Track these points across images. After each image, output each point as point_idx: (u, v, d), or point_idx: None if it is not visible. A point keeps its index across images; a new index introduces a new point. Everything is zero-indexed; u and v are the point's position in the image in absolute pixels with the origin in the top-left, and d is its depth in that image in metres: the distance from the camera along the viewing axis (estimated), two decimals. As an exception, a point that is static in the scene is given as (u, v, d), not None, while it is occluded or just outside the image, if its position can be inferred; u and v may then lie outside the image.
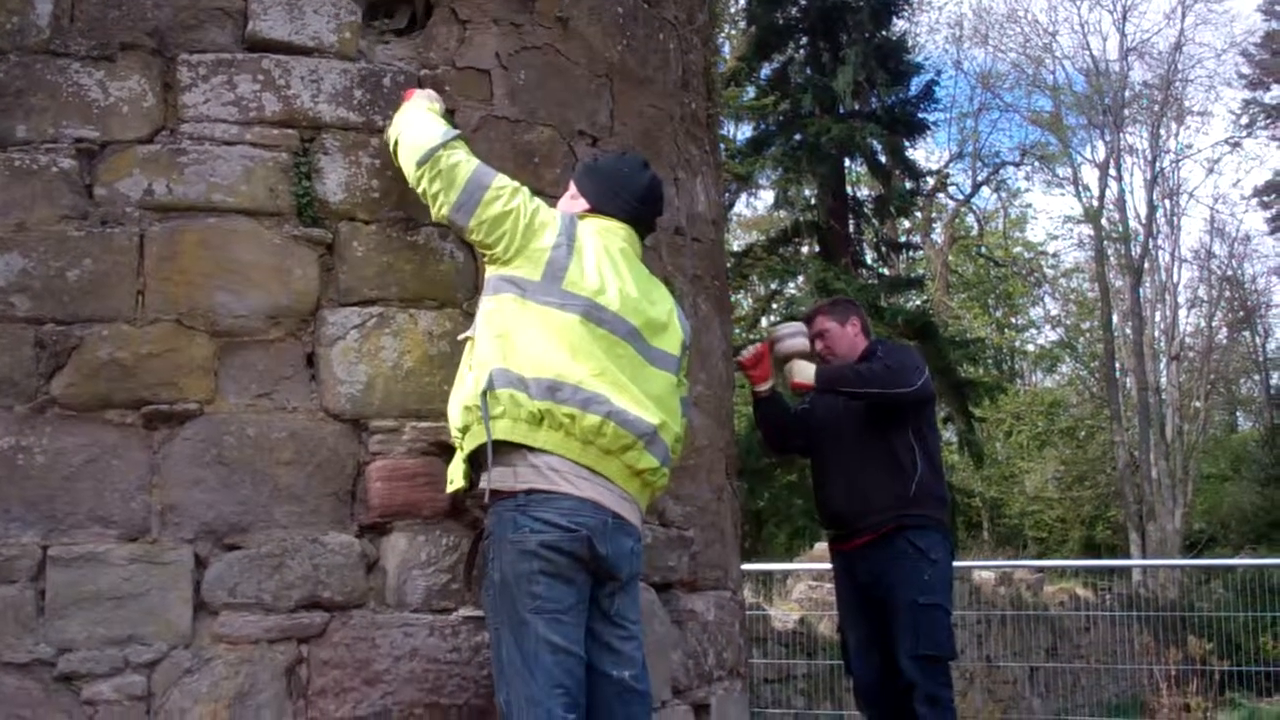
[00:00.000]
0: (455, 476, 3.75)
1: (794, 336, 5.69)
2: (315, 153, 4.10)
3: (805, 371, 5.59)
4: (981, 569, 12.73)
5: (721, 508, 5.01)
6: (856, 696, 6.04)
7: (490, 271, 3.81)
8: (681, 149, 5.16)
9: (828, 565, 6.49)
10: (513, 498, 3.56)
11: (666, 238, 4.87)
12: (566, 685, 3.50)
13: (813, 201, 21.50)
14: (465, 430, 3.67)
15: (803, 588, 11.44)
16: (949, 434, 20.75)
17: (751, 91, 21.40)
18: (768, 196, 24.87)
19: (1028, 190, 60.65)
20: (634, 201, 3.98)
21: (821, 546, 8.01)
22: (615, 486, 3.64)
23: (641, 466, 3.67)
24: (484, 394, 3.58)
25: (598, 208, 3.98)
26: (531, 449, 3.57)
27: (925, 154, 47.23)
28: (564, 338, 3.63)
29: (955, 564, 6.41)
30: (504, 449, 3.58)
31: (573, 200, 4.04)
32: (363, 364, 4.00)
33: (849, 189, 22.39)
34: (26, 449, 3.78)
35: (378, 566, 3.94)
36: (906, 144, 21.20)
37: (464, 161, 3.83)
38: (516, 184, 3.86)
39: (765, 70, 21.40)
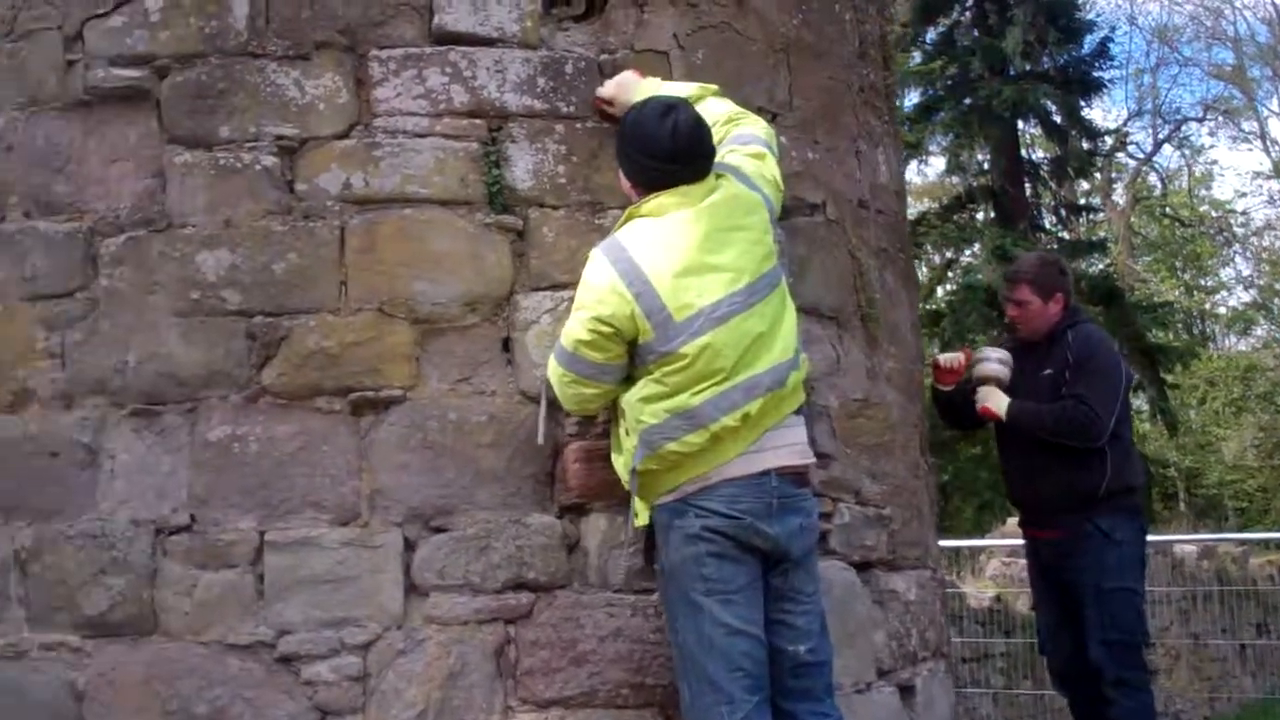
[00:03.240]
0: (639, 510, 3.75)
1: (999, 364, 5.61)
2: (503, 141, 4.15)
3: (999, 403, 5.53)
4: (1183, 543, 12.29)
5: (917, 484, 4.94)
6: (1052, 677, 5.99)
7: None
8: (861, 120, 5.09)
9: (1021, 541, 6.41)
10: (676, 489, 3.59)
11: (850, 211, 4.81)
12: (745, 667, 3.48)
13: (986, 166, 21.06)
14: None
15: (996, 564, 11.20)
16: (1140, 402, 20.15)
17: (917, 57, 21.03)
18: (938, 163, 24.46)
19: (1212, 146, 58.40)
20: (666, 164, 3.66)
21: (1014, 521, 7.87)
22: (767, 440, 3.60)
23: (772, 410, 3.62)
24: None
25: (644, 185, 3.77)
26: None
27: (1102, 113, 45.87)
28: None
29: (1155, 538, 6.25)
30: None
31: (628, 191, 3.88)
32: (556, 347, 4.05)
33: (1023, 152, 21.86)
34: (242, 438, 3.92)
35: (579, 547, 3.98)
36: (1082, 103, 20.66)
37: (557, 382, 3.78)
38: (583, 335, 3.63)
39: (930, 35, 21.01)
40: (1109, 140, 28.49)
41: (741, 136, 3.95)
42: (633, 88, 4.10)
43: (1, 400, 4.10)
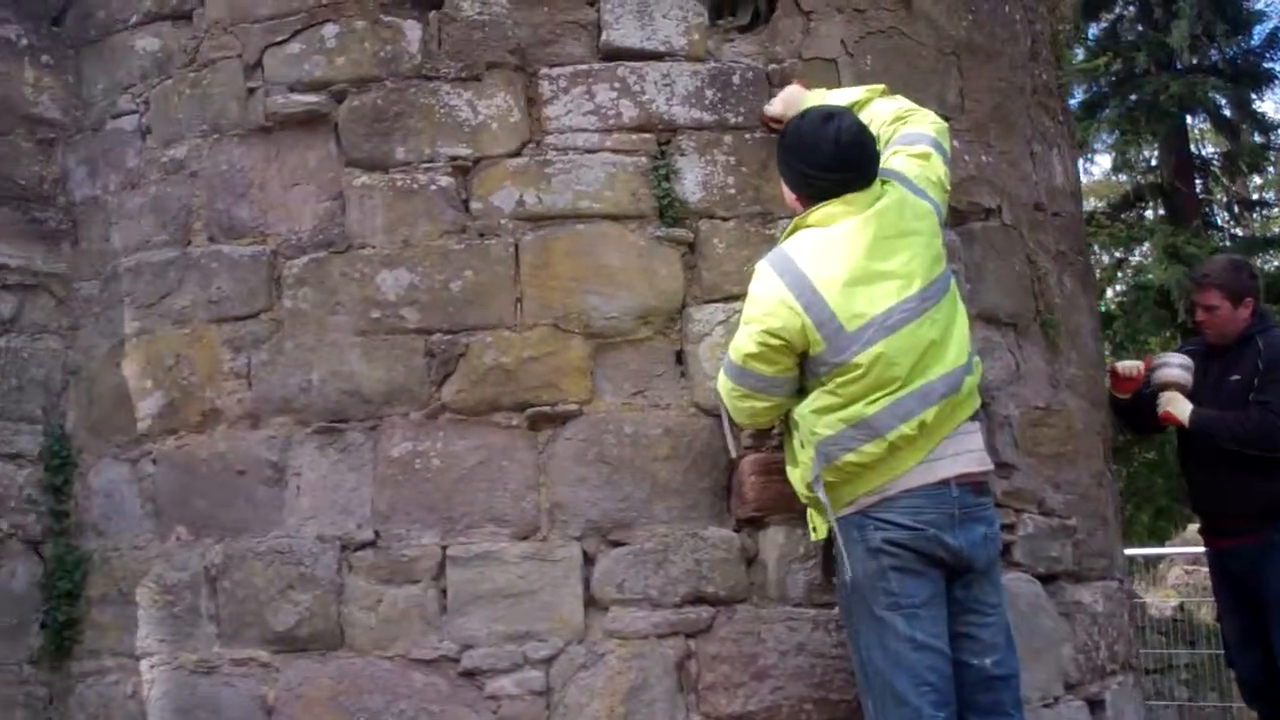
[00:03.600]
0: (817, 524, 3.70)
1: (1179, 369, 5.42)
2: (672, 155, 4.15)
3: (1181, 409, 5.33)
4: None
5: (1101, 493, 4.80)
6: (1241, 689, 5.78)
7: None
8: (1035, 121, 4.97)
9: (1202, 549, 6.20)
10: (853, 502, 3.52)
11: (1026, 214, 4.70)
12: (932, 682, 3.40)
13: (1154, 163, 20.47)
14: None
15: (1178, 572, 10.85)
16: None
17: (1081, 54, 20.52)
18: (1104, 161, 23.83)
19: (1393, 136, 55.70)
20: (829, 173, 3.58)
21: (1195, 528, 7.62)
22: (944, 448, 3.51)
23: (948, 417, 3.53)
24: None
25: (808, 195, 3.67)
26: None
27: (1275, 105, 44.10)
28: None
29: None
30: None
31: (792, 202, 3.80)
32: (729, 359, 4.02)
33: (1192, 147, 21.18)
34: (423, 454, 3.98)
35: (757, 561, 3.95)
36: (1253, 96, 19.90)
37: (727, 396, 3.73)
38: (752, 348, 3.56)
39: (1093, 30, 20.49)
40: (1282, 133, 27.45)
41: (908, 136, 3.87)
42: (799, 101, 4.06)
43: (191, 420, 4.23)
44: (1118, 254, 21.61)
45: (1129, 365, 5.58)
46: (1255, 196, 24.17)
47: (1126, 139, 19.80)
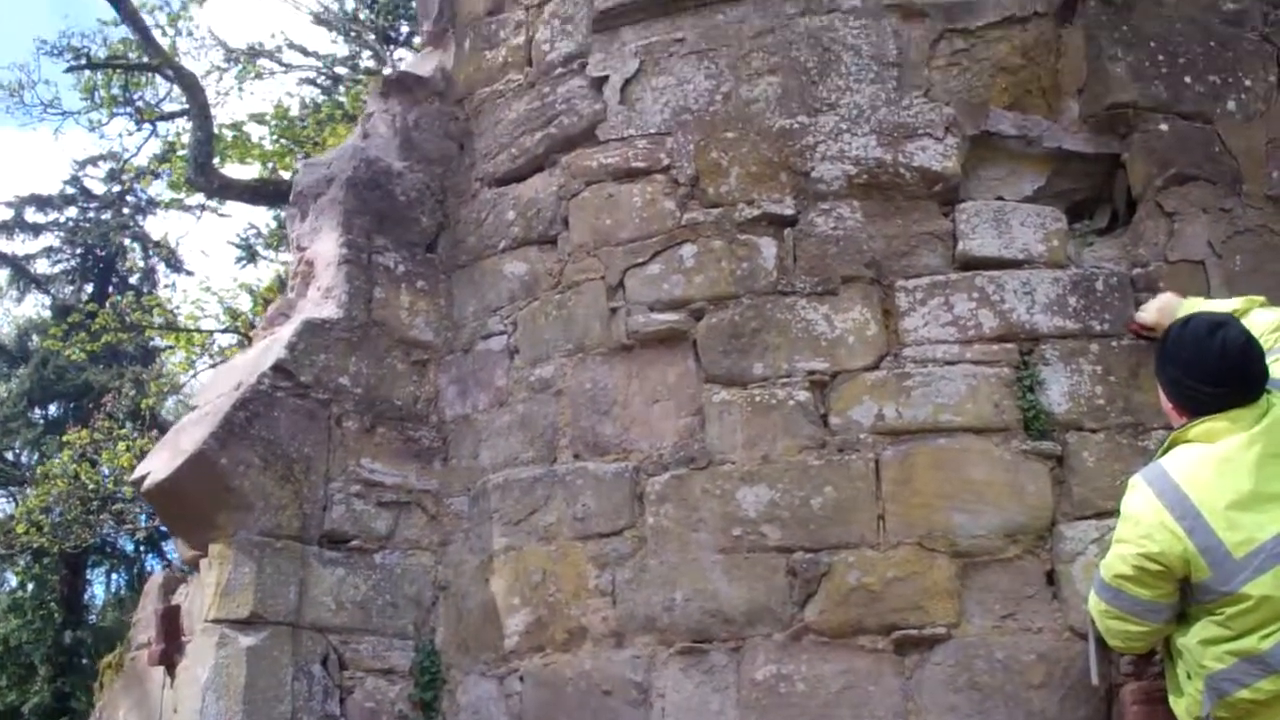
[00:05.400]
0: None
1: None
2: (1035, 364, 4.06)
3: None
4: None
5: None
6: None
7: None
8: None
9: None
10: None
11: None
12: None
13: None
14: None
15: None
16: None
17: None
18: None
19: None
20: (1213, 387, 3.35)
21: None
22: None
23: None
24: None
25: (1189, 409, 3.43)
26: None
27: None
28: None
29: None
30: None
31: (1169, 412, 3.56)
32: (1107, 580, 3.82)
33: None
34: (787, 677, 3.90)
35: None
36: None
37: (1099, 616, 3.54)
38: (1127, 570, 3.36)
39: None
40: None
41: None
42: (1174, 309, 3.89)
43: (557, 638, 4.27)
44: None
45: None
46: None
47: None
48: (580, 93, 4.70)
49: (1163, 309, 3.95)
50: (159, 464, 4.51)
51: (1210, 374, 3.42)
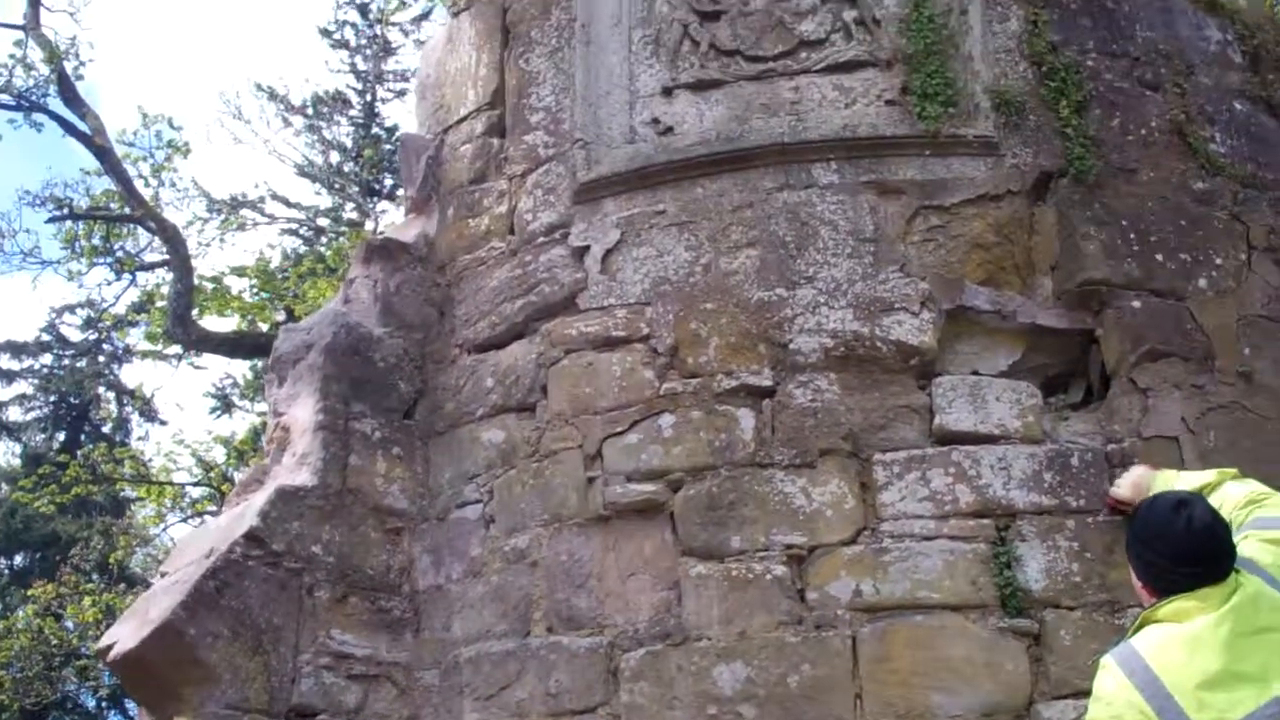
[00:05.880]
0: None
1: None
2: (1012, 540, 4.05)
3: None
4: None
5: None
6: None
7: None
8: None
9: None
10: None
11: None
12: None
13: None
14: None
15: None
16: None
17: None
18: None
19: None
20: (1181, 565, 3.25)
21: None
22: None
23: None
24: None
25: (1158, 588, 3.31)
26: None
27: None
28: None
29: None
30: None
31: (1139, 591, 3.57)
32: (1086, 762, 3.77)
33: None
34: None
35: None
36: None
37: None
38: None
39: None
40: None
41: (1261, 521, 3.63)
42: (1147, 484, 3.90)
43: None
44: None
45: None
46: None
47: None
48: (561, 262, 4.74)
49: (1136, 484, 3.95)
50: (126, 633, 4.43)
51: (1177, 553, 3.39)
